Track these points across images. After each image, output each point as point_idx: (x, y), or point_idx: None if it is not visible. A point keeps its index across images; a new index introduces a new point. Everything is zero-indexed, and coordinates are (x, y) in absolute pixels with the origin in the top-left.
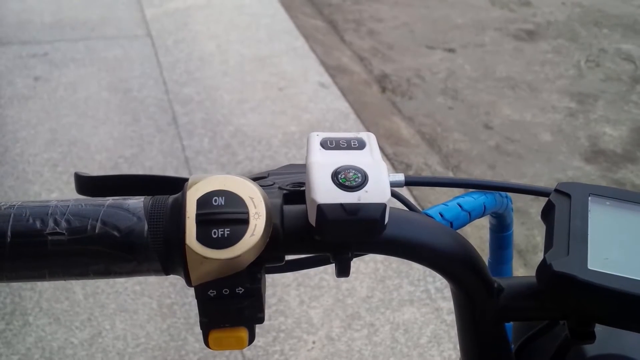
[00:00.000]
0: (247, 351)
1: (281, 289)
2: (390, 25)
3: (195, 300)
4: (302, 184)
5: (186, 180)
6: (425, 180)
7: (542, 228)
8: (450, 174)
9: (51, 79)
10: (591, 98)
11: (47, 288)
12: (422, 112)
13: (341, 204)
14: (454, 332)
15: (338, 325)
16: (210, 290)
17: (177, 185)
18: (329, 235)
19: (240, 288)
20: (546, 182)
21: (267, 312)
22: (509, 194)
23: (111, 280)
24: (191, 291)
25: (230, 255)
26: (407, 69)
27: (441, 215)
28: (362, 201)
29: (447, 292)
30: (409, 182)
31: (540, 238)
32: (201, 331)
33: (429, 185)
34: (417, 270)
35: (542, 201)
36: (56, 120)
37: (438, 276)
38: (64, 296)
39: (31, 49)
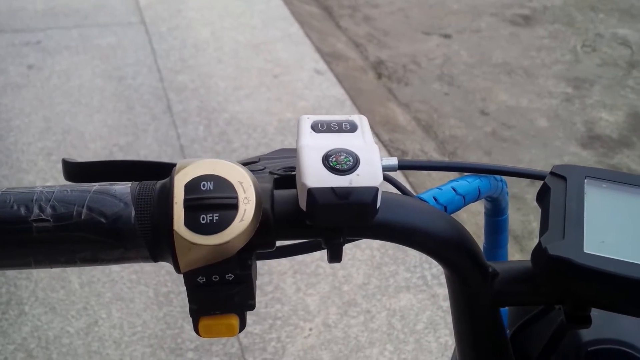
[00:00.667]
0: (244, 339)
1: (277, 277)
2: (386, 10)
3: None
4: (294, 168)
5: (174, 165)
6: (419, 164)
7: (538, 214)
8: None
9: (44, 67)
10: (587, 83)
11: (43, 277)
12: (418, 99)
13: (332, 188)
14: (450, 318)
15: (334, 312)
16: (200, 277)
17: (166, 170)
18: (320, 220)
19: (230, 274)
20: (542, 167)
21: (264, 299)
22: (504, 177)
23: (107, 269)
24: None
25: (219, 241)
26: (403, 55)
27: (435, 200)
28: (354, 185)
29: (444, 278)
30: (403, 166)
31: (536, 224)
32: (191, 319)
33: (422, 169)
34: (414, 256)
35: (538, 186)
36: (50, 108)
37: (434, 263)
38: (60, 285)
39: (24, 37)
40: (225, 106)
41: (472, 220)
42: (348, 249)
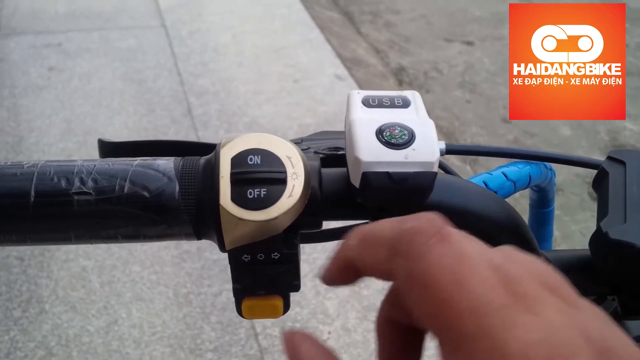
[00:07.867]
0: (264, 340)
1: None
2: (408, 17)
3: (229, 271)
4: (339, 148)
5: (216, 145)
6: (467, 148)
7: (561, 223)
8: (468, 168)
9: (65, 69)
10: None
11: (64, 276)
12: (439, 106)
13: (387, 172)
14: None
15: (354, 317)
16: (245, 255)
17: (207, 149)
18: (373, 199)
19: (276, 253)
20: (565, 176)
21: None
22: (554, 167)
23: (127, 269)
24: (207, 281)
25: (266, 217)
26: (425, 62)
27: (485, 184)
28: (410, 159)
29: None
30: (451, 151)
31: (559, 232)
32: (234, 299)
33: (471, 154)
34: None
35: (568, 196)
36: (71, 110)
37: None
38: (80, 284)
39: (45, 39)
40: (246, 110)
41: None
42: None
